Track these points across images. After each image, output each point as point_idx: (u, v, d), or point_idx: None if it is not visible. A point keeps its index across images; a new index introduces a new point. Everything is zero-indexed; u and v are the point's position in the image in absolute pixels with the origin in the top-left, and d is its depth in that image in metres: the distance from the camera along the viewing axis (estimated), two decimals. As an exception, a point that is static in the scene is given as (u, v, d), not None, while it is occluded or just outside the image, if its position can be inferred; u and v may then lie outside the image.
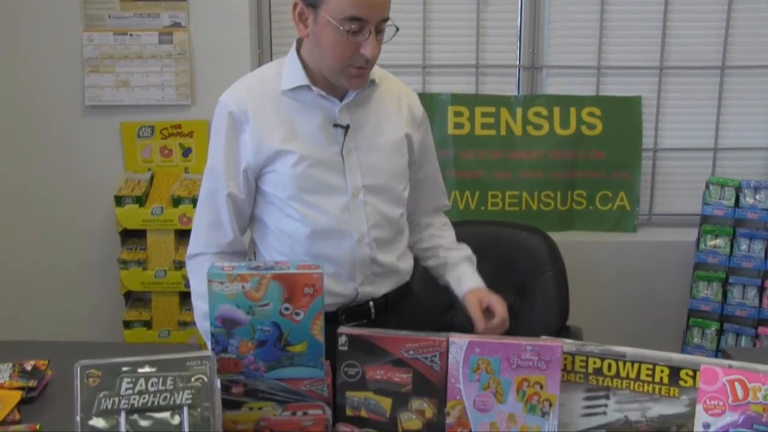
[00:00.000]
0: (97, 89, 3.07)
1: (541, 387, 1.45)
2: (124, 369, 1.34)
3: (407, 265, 1.92)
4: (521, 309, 2.53)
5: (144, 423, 1.34)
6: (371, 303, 1.85)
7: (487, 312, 1.84)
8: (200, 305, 1.77)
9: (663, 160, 3.21)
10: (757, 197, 3.00)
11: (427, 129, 1.96)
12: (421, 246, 2.01)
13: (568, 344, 1.51)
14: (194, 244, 1.84)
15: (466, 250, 1.99)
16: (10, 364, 1.85)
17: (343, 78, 1.71)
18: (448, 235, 2.03)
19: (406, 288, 1.92)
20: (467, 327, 1.79)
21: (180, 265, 3.00)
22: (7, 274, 3.22)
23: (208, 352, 1.39)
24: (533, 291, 2.52)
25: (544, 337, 1.53)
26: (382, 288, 1.86)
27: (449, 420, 1.49)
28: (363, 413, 1.51)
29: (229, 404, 1.47)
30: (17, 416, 1.70)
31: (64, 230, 3.18)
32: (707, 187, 3.04)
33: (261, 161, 1.76)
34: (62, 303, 3.22)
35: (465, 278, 1.92)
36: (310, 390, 1.48)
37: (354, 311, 1.83)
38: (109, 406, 1.32)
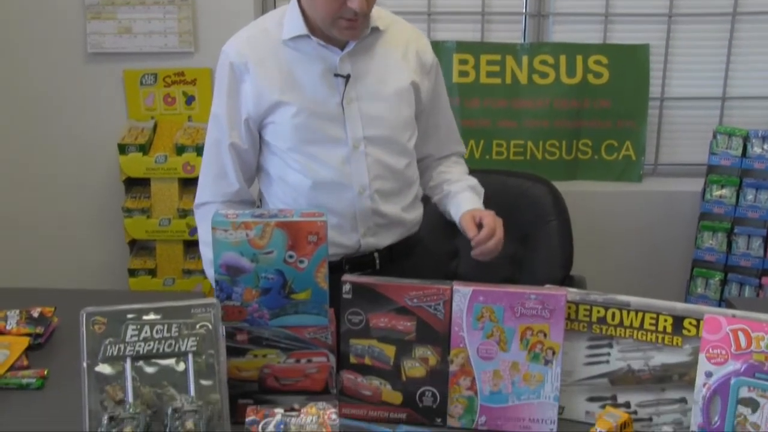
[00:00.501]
0: (99, 36, 3.03)
1: (545, 335, 1.46)
2: (129, 316, 1.35)
3: (414, 216, 1.90)
4: (525, 258, 2.53)
5: (149, 369, 1.35)
6: (376, 254, 1.85)
7: (481, 228, 1.78)
8: (207, 253, 1.77)
9: (670, 109, 3.18)
10: (765, 147, 2.97)
11: (438, 76, 1.92)
12: (430, 185, 1.98)
13: (572, 293, 1.51)
14: (201, 193, 1.83)
15: (470, 180, 1.93)
16: (17, 311, 1.86)
17: (334, 29, 1.69)
18: (455, 170, 1.97)
19: (412, 239, 1.91)
20: (472, 276, 1.79)
21: (184, 214, 3.00)
22: (12, 224, 3.22)
23: (213, 300, 1.39)
24: (537, 240, 2.51)
25: (548, 286, 1.53)
26: (385, 239, 1.86)
27: (453, 368, 1.50)
28: (367, 361, 1.52)
29: (233, 351, 1.48)
30: (25, 362, 1.72)
31: (69, 179, 3.17)
32: (714, 136, 3.02)
33: (261, 112, 1.74)
34: (67, 252, 3.24)
35: (463, 203, 1.86)
36: (314, 338, 1.49)
37: (358, 261, 1.83)
38: (115, 353, 1.33)
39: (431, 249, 2.06)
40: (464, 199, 1.88)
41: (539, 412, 1.48)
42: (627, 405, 1.49)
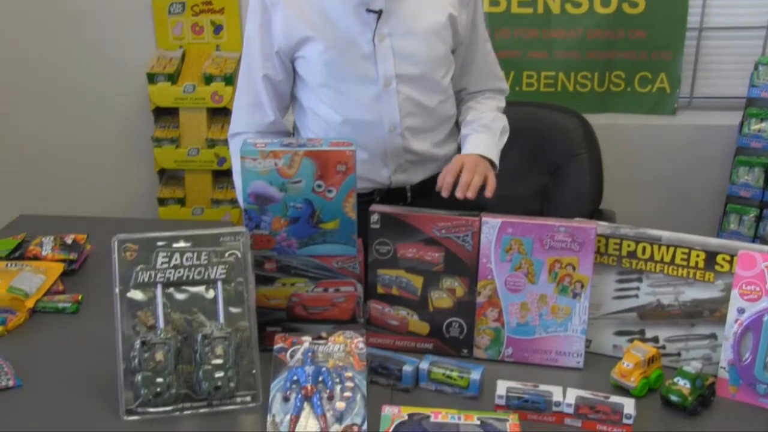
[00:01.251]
0: (125, -37, 2.98)
1: (574, 269, 1.44)
2: (160, 244, 1.35)
3: (446, 151, 1.86)
4: (554, 192, 2.51)
5: (180, 296, 1.36)
6: (408, 188, 1.83)
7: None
8: (239, 182, 1.77)
9: (708, 39, 3.08)
10: (807, 79, 2.87)
11: (477, 7, 1.86)
12: (458, 119, 1.95)
13: (602, 226, 1.49)
14: (235, 123, 1.82)
15: (484, 118, 1.85)
16: (52, 238, 1.89)
17: None
18: (482, 107, 1.89)
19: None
20: (501, 209, 1.77)
21: (212, 144, 3.00)
22: (43, 154, 3.25)
23: (242, 228, 1.39)
24: (567, 174, 2.48)
25: (578, 219, 1.51)
26: (417, 175, 1.83)
27: (480, 299, 1.49)
28: (394, 291, 1.52)
29: (262, 280, 1.48)
30: (60, 287, 1.75)
31: (98, 108, 3.17)
32: (756, 68, 2.92)
33: (291, 46, 1.71)
34: (98, 181, 3.26)
35: (465, 147, 1.80)
36: (341, 267, 1.49)
37: (390, 196, 1.82)
38: (146, 279, 1.35)
39: (517, 192, 2.03)
40: (469, 142, 1.81)
41: (566, 345, 1.48)
42: (655, 340, 1.49)
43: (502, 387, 1.34)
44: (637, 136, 3.05)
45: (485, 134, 1.81)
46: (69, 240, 1.89)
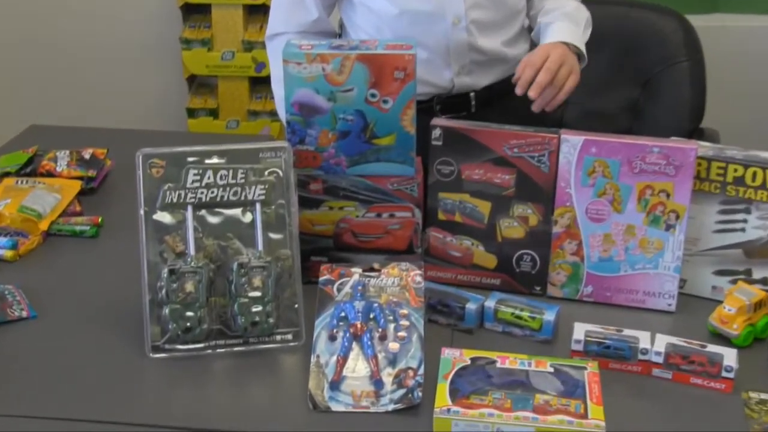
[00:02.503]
0: None
1: (668, 196, 1.42)
2: (190, 159, 1.36)
3: (518, 51, 1.83)
4: (647, 106, 2.45)
5: (213, 220, 1.37)
6: (472, 95, 1.81)
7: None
8: (279, 91, 1.77)
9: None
10: None
11: None
12: (530, 14, 1.89)
13: (703, 147, 1.46)
14: (274, 23, 1.81)
15: (566, 7, 1.79)
16: (67, 152, 1.91)
17: None
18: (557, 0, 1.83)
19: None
20: (582, 125, 1.74)
21: (250, 46, 2.99)
22: (56, 55, 3.27)
23: (284, 143, 1.39)
24: (662, 85, 2.42)
25: (674, 138, 1.48)
26: (483, 78, 1.81)
27: (556, 229, 1.48)
28: (457, 218, 1.52)
29: (306, 202, 1.49)
30: (78, 207, 1.78)
31: (119, 4, 3.17)
32: None
33: None
34: (119, 89, 3.29)
35: (547, 36, 1.74)
36: (397, 189, 1.48)
37: (451, 102, 1.81)
38: (175, 200, 1.36)
39: (603, 106, 1.99)
40: (552, 30, 1.75)
41: (656, 284, 1.46)
42: (764, 281, 1.46)
43: (579, 330, 1.33)
44: (749, 41, 2.95)
45: (569, 23, 1.76)
46: (87, 155, 1.91)
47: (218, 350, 1.35)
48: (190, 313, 1.33)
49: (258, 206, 1.37)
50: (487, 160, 1.47)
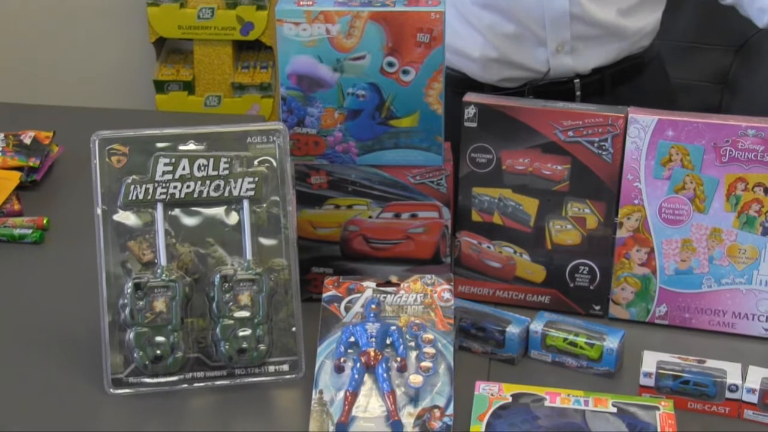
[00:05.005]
0: None
1: (766, 192, 1.43)
2: (160, 146, 1.38)
3: (641, 23, 1.84)
4: (740, 76, 2.46)
5: (189, 221, 1.39)
6: (576, 81, 1.83)
7: None
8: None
9: None
10: None
11: None
12: None
13: (811, 129, 1.48)
14: None
15: None
16: (2, 135, 1.92)
17: None
18: None
19: (638, 60, 1.87)
20: (659, 101, 1.75)
21: (234, 2, 3.01)
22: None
23: (278, 125, 1.41)
24: (762, 50, 2.43)
25: (774, 117, 1.50)
26: (591, 59, 1.83)
27: (621, 233, 1.50)
28: (496, 218, 1.54)
29: (306, 199, 1.51)
30: (17, 206, 1.80)
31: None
32: None
33: None
34: (69, 56, 3.31)
35: None
36: (421, 183, 1.51)
37: (548, 91, 1.81)
38: (141, 196, 1.38)
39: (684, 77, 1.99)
40: None
41: (749, 303, 1.48)
42: None
43: (650, 361, 1.35)
44: None
45: None
46: (27, 139, 1.92)
47: (196, 384, 1.38)
48: (160, 338, 1.36)
49: (246, 204, 1.39)
50: (534, 147, 1.49)
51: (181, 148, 1.38)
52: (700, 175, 1.45)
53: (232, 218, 1.40)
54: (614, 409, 1.27)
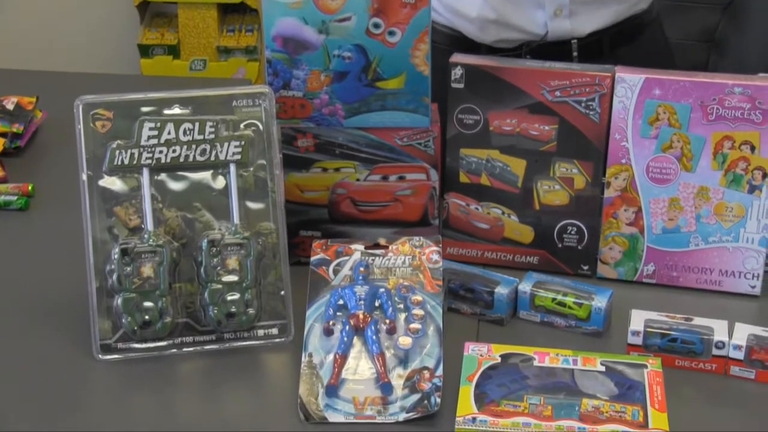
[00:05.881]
0: None
1: (753, 149, 1.44)
2: (145, 110, 1.38)
3: None
4: (728, 34, 2.46)
5: (175, 185, 1.39)
6: (574, 42, 1.82)
7: None
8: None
9: None
10: None
11: None
12: None
13: (797, 86, 1.47)
14: None
15: None
16: (-15, 101, 1.92)
17: None
18: None
19: (637, 21, 1.87)
20: (647, 59, 1.75)
21: (217, -36, 3.00)
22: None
23: (264, 88, 1.40)
24: (748, 8, 2.43)
25: (762, 75, 1.49)
26: (588, 22, 1.83)
27: (608, 193, 1.50)
28: (484, 180, 1.54)
29: (293, 163, 1.51)
30: (1, 172, 1.79)
31: None
32: None
33: None
34: (51, 20, 3.29)
35: None
36: (408, 145, 1.50)
37: (544, 52, 1.80)
38: (126, 161, 1.38)
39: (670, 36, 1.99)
40: None
41: (736, 261, 1.49)
42: None
43: (638, 319, 1.36)
44: None
45: None
46: (10, 104, 1.91)
47: (185, 349, 1.38)
48: (148, 304, 1.36)
49: (232, 168, 1.39)
50: (521, 107, 1.49)
51: (166, 112, 1.38)
52: (687, 133, 1.45)
53: (219, 182, 1.40)
54: (602, 368, 1.28)
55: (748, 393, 1.31)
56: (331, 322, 1.33)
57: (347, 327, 1.32)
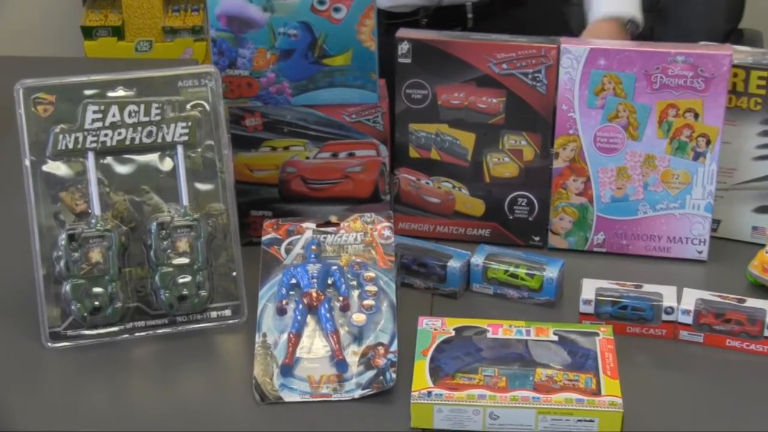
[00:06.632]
0: None
1: (696, 117, 1.45)
2: (89, 93, 1.36)
3: None
4: (670, 4, 2.47)
5: (122, 169, 1.38)
6: (468, 4, 1.83)
7: None
8: None
9: None
10: None
11: None
12: None
13: (741, 53, 1.48)
14: None
15: None
16: None
17: None
18: None
19: None
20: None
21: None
22: None
23: (209, 68, 1.39)
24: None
25: (704, 43, 1.50)
26: None
27: (557, 164, 1.51)
28: (434, 154, 1.54)
29: (241, 142, 1.50)
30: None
31: None
32: None
33: None
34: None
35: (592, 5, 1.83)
36: (357, 121, 1.50)
37: (441, 16, 1.82)
38: (71, 145, 1.36)
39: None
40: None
41: (683, 227, 1.50)
42: (815, 216, 1.51)
43: (589, 288, 1.37)
44: None
45: None
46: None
47: (137, 334, 1.37)
48: (98, 289, 1.35)
49: (180, 149, 1.38)
50: (468, 81, 1.49)
51: (110, 94, 1.36)
52: (632, 102, 1.46)
53: (167, 164, 1.38)
54: (555, 337, 1.28)
55: (697, 356, 1.33)
56: (284, 302, 1.33)
57: (300, 306, 1.32)
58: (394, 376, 1.25)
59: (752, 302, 1.33)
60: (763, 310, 1.31)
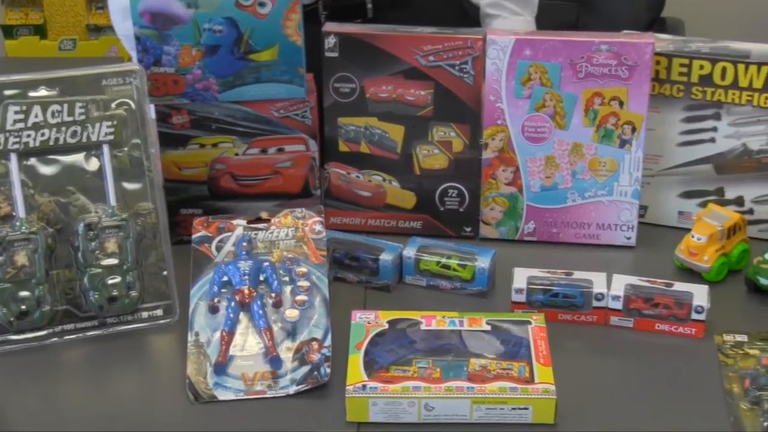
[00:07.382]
0: None
1: (621, 104, 1.46)
2: (9, 93, 1.34)
3: None
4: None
5: (46, 169, 1.36)
6: None
7: None
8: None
9: None
10: None
11: None
12: None
13: (662, 41, 1.50)
14: None
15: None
16: None
17: None
18: None
19: None
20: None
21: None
22: None
23: (134, 65, 1.38)
24: (613, -34, 2.47)
25: (627, 31, 1.52)
26: None
27: (486, 154, 1.52)
28: (363, 148, 1.54)
29: (169, 140, 1.49)
30: None
31: None
32: None
33: None
34: None
35: None
36: (285, 117, 1.50)
37: (340, 6, 1.82)
38: (-6, 148, 1.35)
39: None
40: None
41: (611, 214, 1.52)
42: (739, 202, 1.53)
43: (520, 277, 1.38)
44: None
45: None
46: None
47: (66, 337, 1.36)
48: (25, 293, 1.33)
49: (106, 149, 1.37)
50: (396, 73, 1.49)
51: (32, 94, 1.34)
52: (558, 92, 1.47)
53: (93, 164, 1.37)
54: (488, 327, 1.29)
55: (627, 341, 1.35)
56: (216, 300, 1.32)
57: (233, 303, 1.31)
58: (328, 370, 1.25)
59: (679, 286, 1.35)
60: (690, 294, 1.33)
